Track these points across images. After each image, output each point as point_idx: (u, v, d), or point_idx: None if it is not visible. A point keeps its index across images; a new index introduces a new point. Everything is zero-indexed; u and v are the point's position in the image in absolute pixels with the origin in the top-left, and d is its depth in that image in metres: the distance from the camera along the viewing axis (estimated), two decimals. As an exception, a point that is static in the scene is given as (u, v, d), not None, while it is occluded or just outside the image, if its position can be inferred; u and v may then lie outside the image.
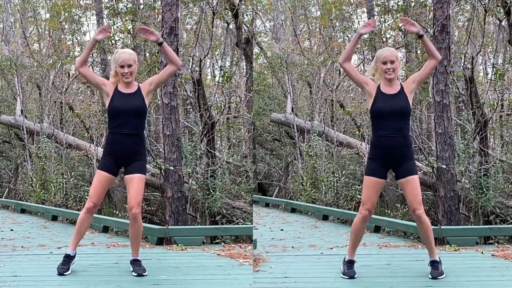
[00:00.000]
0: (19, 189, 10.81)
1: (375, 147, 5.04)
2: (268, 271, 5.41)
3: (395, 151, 4.96)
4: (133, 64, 5.13)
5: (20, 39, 11.03)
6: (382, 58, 5.00)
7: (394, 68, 4.99)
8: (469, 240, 6.55)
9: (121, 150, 5.11)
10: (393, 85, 5.04)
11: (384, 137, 4.97)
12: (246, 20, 9.43)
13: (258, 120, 12.01)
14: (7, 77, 11.03)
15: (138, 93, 5.18)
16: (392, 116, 4.95)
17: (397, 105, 4.97)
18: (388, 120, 4.96)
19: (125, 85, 5.18)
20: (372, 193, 5.03)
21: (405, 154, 4.98)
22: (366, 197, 5.04)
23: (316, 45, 11.07)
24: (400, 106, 4.97)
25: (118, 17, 9.35)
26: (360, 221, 5.08)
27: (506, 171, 8.25)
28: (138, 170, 5.14)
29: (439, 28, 7.52)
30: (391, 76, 4.99)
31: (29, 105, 10.82)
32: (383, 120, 4.98)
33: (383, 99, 4.99)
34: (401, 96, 5.01)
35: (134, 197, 5.10)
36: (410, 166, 5.00)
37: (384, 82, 5.05)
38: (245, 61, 9.64)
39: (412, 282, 4.95)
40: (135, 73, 5.20)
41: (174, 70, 5.30)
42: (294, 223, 9.06)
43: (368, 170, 5.07)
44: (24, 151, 10.62)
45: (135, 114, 5.12)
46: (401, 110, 4.97)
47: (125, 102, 5.11)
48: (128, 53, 5.17)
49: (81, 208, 9.23)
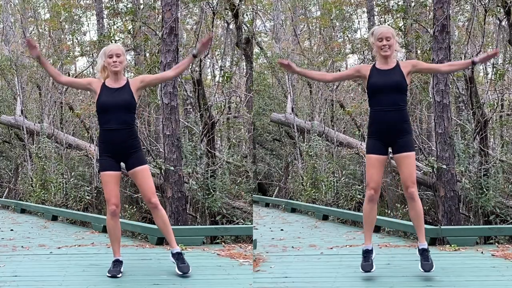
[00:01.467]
0: (19, 189, 10.82)
1: (372, 122, 5.03)
2: (268, 271, 5.40)
3: (391, 125, 4.93)
4: (122, 55, 5.08)
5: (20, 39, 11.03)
6: (378, 35, 4.97)
7: (390, 44, 4.96)
8: (469, 240, 6.55)
9: (115, 146, 5.06)
10: (389, 62, 5.02)
11: (380, 111, 4.95)
12: (246, 20, 9.44)
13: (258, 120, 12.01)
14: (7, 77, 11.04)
15: (127, 87, 5.12)
16: (387, 90, 4.93)
17: (392, 79, 4.94)
18: (384, 94, 4.93)
19: (114, 78, 5.11)
20: (374, 171, 4.97)
21: (402, 128, 4.95)
22: (369, 177, 4.99)
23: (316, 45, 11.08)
24: (394, 80, 4.95)
25: (118, 17, 9.35)
26: (367, 202, 5.02)
27: (506, 171, 8.25)
28: (139, 163, 5.12)
29: (439, 28, 7.53)
30: (387, 53, 4.97)
31: (29, 105, 10.83)
32: (378, 95, 4.96)
33: (378, 74, 4.99)
34: (396, 71, 4.99)
35: (146, 188, 5.11)
36: (407, 142, 4.98)
37: (380, 59, 5.03)
38: (245, 61, 9.64)
39: (412, 282, 4.95)
40: (123, 64, 5.13)
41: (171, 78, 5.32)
42: (294, 223, 9.06)
43: (367, 148, 5.04)
44: (24, 151, 10.62)
45: (123, 108, 5.06)
46: (396, 84, 4.94)
47: (113, 97, 5.06)
48: (116, 45, 5.22)
49: (81, 208, 9.28)
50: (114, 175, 5.13)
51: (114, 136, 5.06)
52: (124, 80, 5.17)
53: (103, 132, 5.11)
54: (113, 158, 5.10)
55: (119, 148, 5.08)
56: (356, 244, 6.76)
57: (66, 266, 5.61)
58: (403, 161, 4.98)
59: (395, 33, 5.08)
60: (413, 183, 4.96)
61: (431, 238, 6.66)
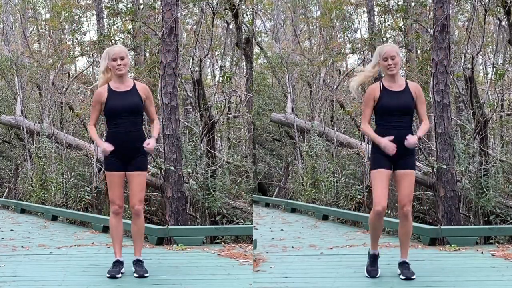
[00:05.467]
0: (19, 189, 10.81)
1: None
2: (268, 271, 5.40)
3: (398, 144, 4.95)
4: (126, 57, 5.07)
5: (20, 39, 11.03)
6: (383, 55, 5.00)
7: (395, 63, 4.98)
8: (469, 240, 6.55)
9: (122, 147, 5.07)
10: (397, 80, 5.05)
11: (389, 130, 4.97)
12: (246, 20, 9.43)
13: (258, 120, 12.00)
14: (7, 77, 11.03)
15: (134, 90, 5.13)
16: (397, 112, 4.97)
17: (402, 102, 4.99)
18: (393, 116, 4.97)
19: (119, 81, 5.10)
20: (384, 188, 4.94)
21: (408, 148, 4.98)
22: (378, 195, 4.93)
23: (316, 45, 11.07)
24: (405, 102, 4.99)
25: (118, 17, 9.35)
26: (376, 219, 4.99)
27: (506, 171, 8.25)
28: (139, 167, 5.14)
29: (439, 28, 7.52)
30: (393, 72, 5.00)
31: (29, 105, 10.82)
32: (387, 116, 4.99)
33: (389, 95, 5.00)
34: (407, 93, 5.03)
35: (136, 194, 5.13)
36: (411, 161, 5.03)
37: (387, 78, 5.06)
38: (245, 61, 9.64)
39: (412, 282, 4.95)
40: (128, 66, 5.13)
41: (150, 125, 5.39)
42: (294, 223, 9.06)
43: (373, 164, 5.03)
44: (24, 151, 10.62)
45: (132, 112, 5.08)
46: (406, 106, 4.99)
47: (122, 100, 5.06)
48: (120, 46, 5.20)
49: (81, 208, 9.27)
50: (119, 176, 5.14)
51: (122, 138, 5.08)
52: (131, 82, 5.17)
53: (112, 133, 5.12)
54: (119, 159, 5.11)
55: (126, 150, 5.09)
56: (356, 244, 6.76)
57: (66, 266, 5.61)
58: (404, 178, 5.00)
59: (399, 51, 5.11)
60: (410, 202, 5.01)
61: (431, 238, 6.66)
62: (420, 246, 6.54)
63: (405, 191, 4.98)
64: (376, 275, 5.08)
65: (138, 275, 5.13)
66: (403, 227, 5.08)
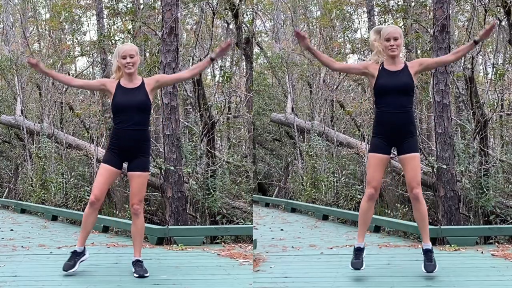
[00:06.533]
0: (19, 189, 10.81)
1: (378, 123, 5.02)
2: (268, 271, 5.40)
3: (398, 127, 4.94)
4: (135, 55, 5.07)
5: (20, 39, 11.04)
6: (386, 35, 4.96)
7: (398, 44, 4.94)
8: (469, 240, 6.55)
9: (126, 144, 5.07)
10: (397, 62, 5.01)
11: (388, 112, 4.95)
12: (246, 20, 9.44)
13: (258, 120, 12.01)
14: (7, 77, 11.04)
15: (142, 88, 5.12)
16: (395, 92, 4.93)
17: (400, 81, 4.94)
18: (392, 96, 4.94)
19: (128, 79, 5.11)
20: (376, 171, 4.97)
21: (408, 130, 4.96)
22: (371, 176, 4.98)
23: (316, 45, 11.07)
24: (403, 82, 4.95)
25: (118, 17, 9.35)
26: (366, 200, 5.01)
27: (506, 171, 8.25)
28: (141, 167, 5.13)
29: (439, 28, 7.52)
30: (394, 53, 4.96)
31: (29, 105, 10.83)
32: (386, 96, 4.96)
33: (387, 75, 4.97)
34: (405, 73, 4.99)
35: (136, 194, 5.13)
36: (412, 143, 4.99)
37: (388, 59, 5.02)
38: (245, 61, 9.64)
39: (412, 282, 4.95)
40: (137, 65, 5.13)
41: (186, 79, 5.30)
42: (294, 223, 9.06)
43: (371, 147, 5.03)
44: (24, 151, 10.62)
45: (138, 110, 5.07)
46: (405, 86, 4.95)
47: (129, 97, 5.06)
48: (130, 45, 5.19)
49: (81, 208, 9.28)
50: (111, 171, 5.11)
51: (127, 136, 5.06)
52: (139, 80, 5.17)
53: (117, 130, 5.11)
54: (119, 155, 5.11)
55: (129, 148, 5.08)
56: (356, 244, 6.75)
57: (66, 266, 5.60)
58: (408, 162, 4.98)
59: (402, 33, 5.08)
60: (418, 184, 4.98)
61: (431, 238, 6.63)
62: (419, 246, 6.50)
63: (411, 173, 4.97)
64: (360, 267, 5.02)
65: (138, 275, 5.13)
66: (417, 210, 5.09)
